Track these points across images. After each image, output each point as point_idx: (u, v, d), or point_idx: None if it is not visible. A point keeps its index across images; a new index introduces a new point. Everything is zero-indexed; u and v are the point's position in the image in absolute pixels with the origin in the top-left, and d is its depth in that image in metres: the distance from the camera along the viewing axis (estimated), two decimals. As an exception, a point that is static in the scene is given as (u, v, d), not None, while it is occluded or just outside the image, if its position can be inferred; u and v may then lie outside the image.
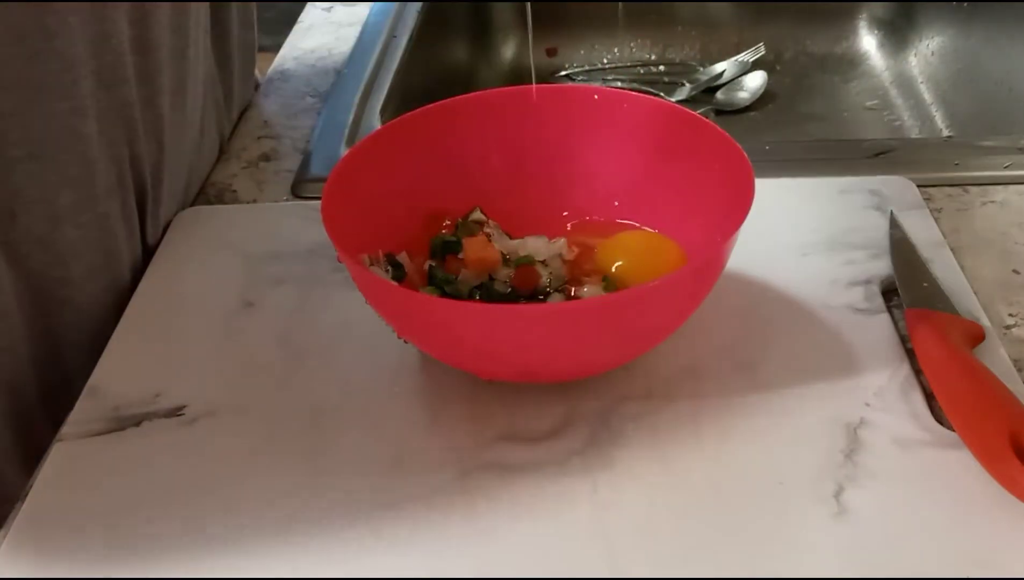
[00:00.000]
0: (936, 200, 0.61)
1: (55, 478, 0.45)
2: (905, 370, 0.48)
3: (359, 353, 0.51)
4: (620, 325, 0.43)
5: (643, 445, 0.45)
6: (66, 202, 0.52)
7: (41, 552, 0.42)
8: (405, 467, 0.45)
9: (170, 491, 0.44)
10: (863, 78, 0.97)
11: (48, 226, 0.52)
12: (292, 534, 0.42)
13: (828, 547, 0.40)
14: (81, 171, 0.52)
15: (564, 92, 0.57)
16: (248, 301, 0.55)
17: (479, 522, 0.42)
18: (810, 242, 0.57)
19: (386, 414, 0.47)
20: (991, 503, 0.41)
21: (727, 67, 0.95)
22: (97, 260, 0.55)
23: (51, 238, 0.52)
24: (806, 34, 1.01)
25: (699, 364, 0.49)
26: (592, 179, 0.56)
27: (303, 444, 0.46)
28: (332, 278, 0.55)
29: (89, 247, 0.54)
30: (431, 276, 0.51)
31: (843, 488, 0.42)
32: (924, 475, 0.43)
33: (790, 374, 0.48)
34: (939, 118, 0.89)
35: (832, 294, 0.53)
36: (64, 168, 0.51)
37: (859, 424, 0.45)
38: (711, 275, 0.45)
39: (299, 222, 0.61)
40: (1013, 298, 0.53)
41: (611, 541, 0.41)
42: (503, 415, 0.47)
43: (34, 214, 0.51)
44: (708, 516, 0.42)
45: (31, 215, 0.51)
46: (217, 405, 0.48)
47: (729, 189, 0.48)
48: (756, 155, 0.48)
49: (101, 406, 0.48)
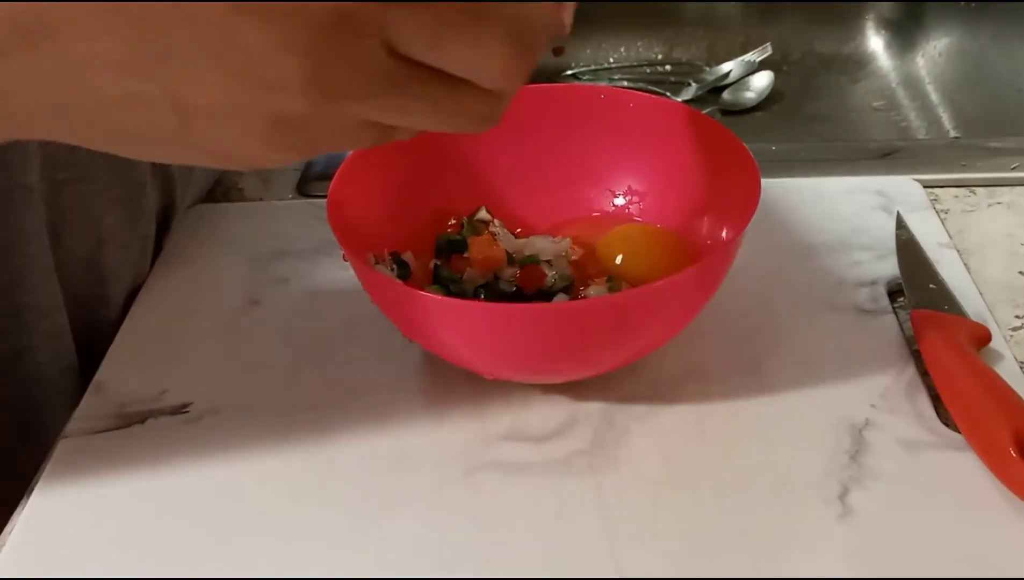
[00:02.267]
0: (943, 201, 0.61)
1: (60, 475, 0.45)
2: (911, 371, 0.48)
3: (364, 352, 0.51)
4: (625, 325, 0.43)
5: (648, 445, 0.45)
6: (111, 223, 0.53)
7: (45, 550, 0.42)
8: (409, 466, 0.45)
9: (174, 488, 0.44)
10: (870, 78, 0.97)
11: (92, 247, 0.52)
12: (295, 532, 0.42)
13: (833, 548, 0.40)
14: (125, 193, 0.53)
15: (570, 91, 0.57)
16: (254, 299, 0.55)
17: (483, 521, 0.42)
18: (816, 242, 0.57)
19: (390, 413, 0.47)
20: (997, 505, 0.41)
21: (734, 67, 0.95)
22: (133, 280, 0.56)
23: (95, 259, 0.53)
24: (813, 34, 1.00)
25: (704, 364, 0.49)
26: (598, 179, 0.56)
27: (307, 442, 0.46)
28: (337, 276, 0.55)
29: (129, 268, 0.55)
30: (436, 275, 0.51)
31: (848, 489, 0.42)
32: (929, 477, 0.43)
33: (795, 375, 0.48)
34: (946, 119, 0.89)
35: (838, 295, 0.53)
36: (110, 190, 0.52)
37: (864, 425, 0.45)
38: (717, 276, 0.45)
39: (305, 220, 0.61)
40: (1020, 300, 0.53)
41: (615, 541, 0.41)
42: (507, 415, 0.47)
43: (79, 235, 0.51)
44: (713, 516, 0.42)
45: (76, 236, 0.51)
46: (222, 403, 0.48)
47: (735, 189, 0.48)
48: (762, 155, 0.48)
49: (106, 403, 0.48)
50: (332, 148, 0.32)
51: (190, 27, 0.28)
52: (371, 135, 0.32)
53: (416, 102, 0.31)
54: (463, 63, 0.30)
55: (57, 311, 0.50)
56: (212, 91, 0.29)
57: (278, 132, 0.31)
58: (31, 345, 0.50)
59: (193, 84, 0.29)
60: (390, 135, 0.33)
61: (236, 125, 0.30)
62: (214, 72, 0.29)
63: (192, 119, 0.30)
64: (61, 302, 0.50)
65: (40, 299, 0.49)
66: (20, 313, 0.49)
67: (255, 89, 0.29)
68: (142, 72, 0.29)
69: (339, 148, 0.33)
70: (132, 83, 0.30)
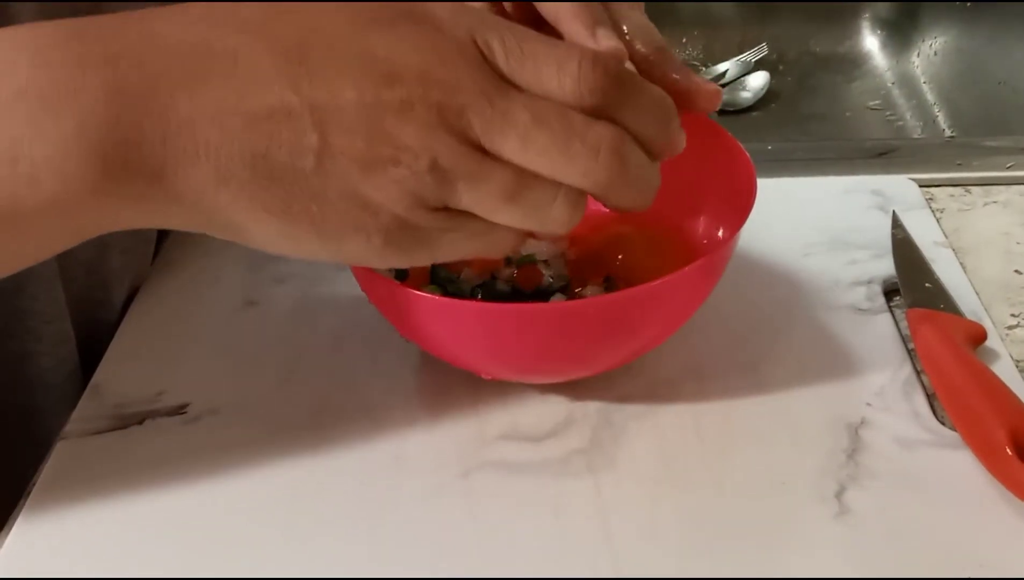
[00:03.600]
0: (938, 200, 0.61)
1: (57, 477, 0.45)
2: (907, 370, 0.48)
3: (361, 352, 0.51)
4: (622, 325, 0.43)
5: (645, 445, 0.45)
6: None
7: (43, 551, 0.42)
8: (407, 466, 0.45)
9: (172, 490, 0.44)
10: (866, 78, 0.97)
11: (95, 252, 0.52)
12: (293, 533, 0.42)
13: (830, 547, 0.40)
14: None
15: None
16: (251, 300, 0.55)
17: (480, 522, 0.42)
18: (812, 242, 0.57)
19: (388, 413, 0.47)
20: (993, 503, 0.41)
21: (730, 67, 0.95)
22: (133, 283, 0.56)
23: (97, 264, 0.53)
24: (809, 34, 1.01)
25: (701, 364, 0.49)
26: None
27: (305, 443, 0.46)
28: (334, 277, 0.55)
29: (130, 272, 0.55)
30: (433, 275, 0.51)
31: (845, 488, 0.42)
32: (926, 475, 0.43)
33: (792, 374, 0.48)
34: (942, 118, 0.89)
35: (834, 294, 0.53)
36: None
37: (861, 424, 0.45)
38: (713, 275, 0.45)
39: (301, 221, 0.60)
40: (1015, 298, 0.53)
41: (613, 541, 0.41)
42: (505, 414, 0.47)
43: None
44: (710, 516, 0.42)
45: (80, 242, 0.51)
46: (220, 403, 0.48)
47: (731, 189, 0.48)
48: (758, 155, 0.48)
49: (104, 404, 0.48)
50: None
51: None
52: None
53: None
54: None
55: (61, 316, 0.50)
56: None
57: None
58: (35, 350, 0.50)
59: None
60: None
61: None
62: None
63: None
64: (65, 308, 0.50)
65: (44, 305, 0.49)
66: (24, 319, 0.49)
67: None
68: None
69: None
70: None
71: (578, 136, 0.34)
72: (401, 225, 0.35)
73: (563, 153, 0.34)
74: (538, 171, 0.35)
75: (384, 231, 0.35)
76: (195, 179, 0.33)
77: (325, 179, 0.34)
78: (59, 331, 0.50)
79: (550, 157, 0.34)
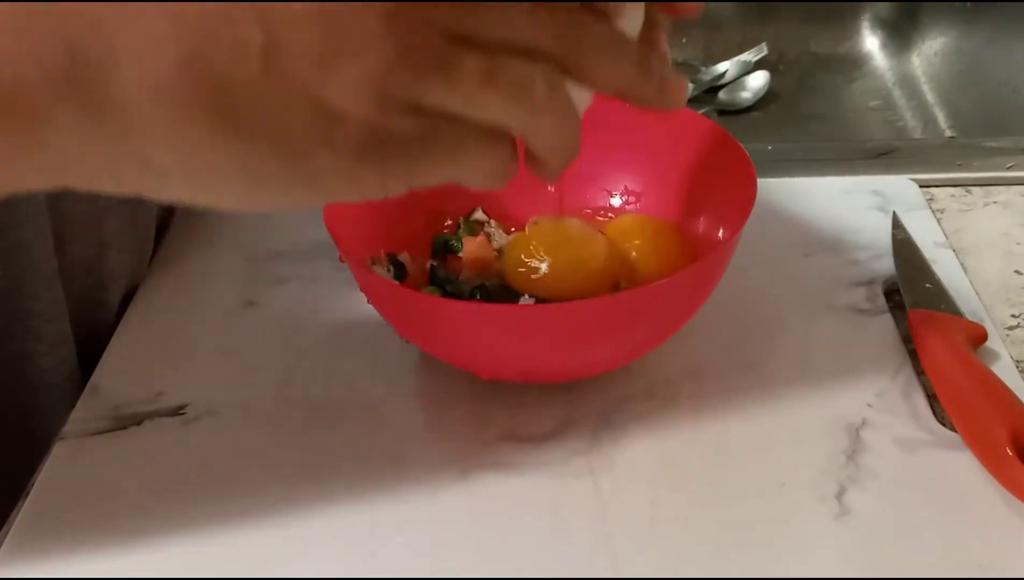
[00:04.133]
0: (939, 201, 0.61)
1: (56, 477, 0.45)
2: (907, 371, 0.48)
3: (361, 353, 0.51)
4: (622, 325, 0.43)
5: (645, 445, 0.45)
6: (113, 228, 0.53)
7: (42, 552, 0.42)
8: (406, 467, 0.45)
9: (171, 490, 0.44)
10: (866, 78, 0.97)
11: (94, 252, 0.52)
12: (293, 533, 0.42)
13: (830, 548, 0.40)
14: (127, 197, 0.53)
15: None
16: (250, 300, 0.55)
17: (480, 522, 0.42)
18: (812, 242, 0.57)
19: (387, 414, 0.47)
20: (993, 504, 0.41)
21: (729, 67, 0.95)
22: (130, 283, 0.56)
23: (96, 264, 0.53)
24: (809, 34, 1.01)
25: (701, 364, 0.49)
26: (594, 179, 0.56)
27: (304, 444, 0.46)
28: (334, 277, 0.55)
29: (127, 272, 0.55)
30: (433, 276, 0.51)
31: (845, 489, 0.42)
32: (926, 476, 0.43)
33: (792, 374, 0.48)
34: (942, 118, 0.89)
35: (834, 294, 0.53)
36: (111, 195, 0.52)
37: (861, 425, 0.45)
38: (713, 276, 0.45)
39: (301, 221, 0.60)
40: (1016, 299, 0.53)
41: (613, 541, 0.41)
42: (504, 415, 0.47)
43: (82, 240, 0.51)
44: (710, 516, 0.42)
45: (79, 241, 0.51)
46: (219, 404, 0.48)
47: (731, 189, 0.48)
48: (758, 155, 0.48)
49: (102, 405, 0.48)
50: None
51: None
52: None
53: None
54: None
55: (60, 317, 0.50)
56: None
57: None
58: (35, 351, 0.50)
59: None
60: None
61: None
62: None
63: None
64: (64, 308, 0.50)
65: (44, 305, 0.49)
66: (24, 319, 0.49)
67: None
68: None
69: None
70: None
71: (544, 7, 0.30)
72: (372, 133, 0.30)
73: (530, 23, 0.30)
74: (511, 42, 0.30)
75: (354, 142, 0.30)
76: (116, 91, 0.28)
77: (277, 83, 0.28)
78: (59, 331, 0.50)
79: (519, 29, 0.30)
